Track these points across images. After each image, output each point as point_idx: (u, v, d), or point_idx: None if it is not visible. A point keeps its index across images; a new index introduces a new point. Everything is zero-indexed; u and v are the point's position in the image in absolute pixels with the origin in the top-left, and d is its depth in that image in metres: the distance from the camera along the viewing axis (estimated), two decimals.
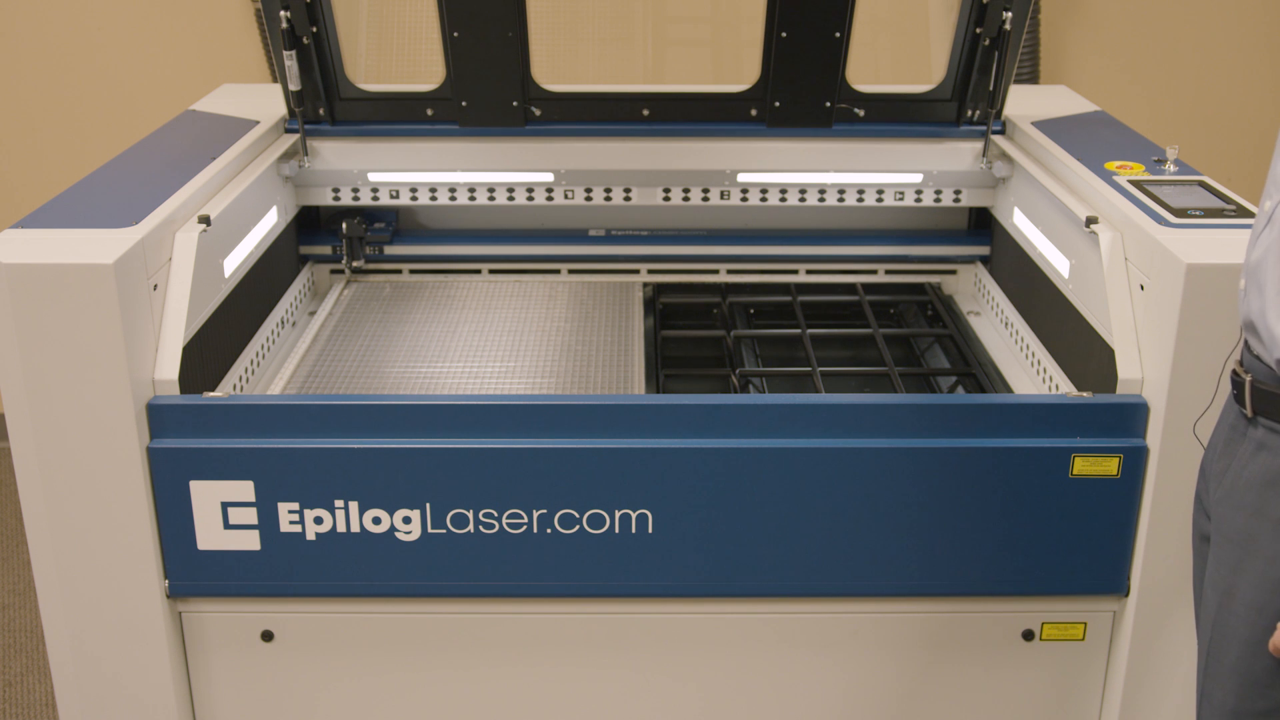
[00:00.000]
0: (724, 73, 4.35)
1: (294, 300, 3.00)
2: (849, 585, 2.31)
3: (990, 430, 2.21)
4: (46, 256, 2.07)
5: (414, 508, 2.22)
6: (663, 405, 2.20)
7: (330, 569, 2.26)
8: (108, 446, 2.15)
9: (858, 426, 2.21)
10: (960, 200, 3.06)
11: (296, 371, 2.69)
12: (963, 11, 2.83)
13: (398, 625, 2.36)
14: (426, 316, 2.96)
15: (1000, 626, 2.38)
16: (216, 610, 2.34)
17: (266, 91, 3.22)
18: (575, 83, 3.01)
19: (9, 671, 3.53)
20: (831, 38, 2.83)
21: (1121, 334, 2.24)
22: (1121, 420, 2.20)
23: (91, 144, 4.49)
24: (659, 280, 3.19)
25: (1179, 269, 2.07)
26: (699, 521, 2.24)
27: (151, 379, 2.19)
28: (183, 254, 2.30)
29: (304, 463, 2.19)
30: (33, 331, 2.08)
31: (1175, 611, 2.28)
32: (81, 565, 2.23)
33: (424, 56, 3.23)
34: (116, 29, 4.38)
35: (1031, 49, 4.33)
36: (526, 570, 2.27)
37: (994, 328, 2.99)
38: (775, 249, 3.16)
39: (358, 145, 3.00)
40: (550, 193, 3.05)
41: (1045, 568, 2.28)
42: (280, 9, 2.76)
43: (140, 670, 2.31)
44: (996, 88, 2.89)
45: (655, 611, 2.36)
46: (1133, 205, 2.34)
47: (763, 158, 3.01)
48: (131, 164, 2.58)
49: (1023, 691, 2.43)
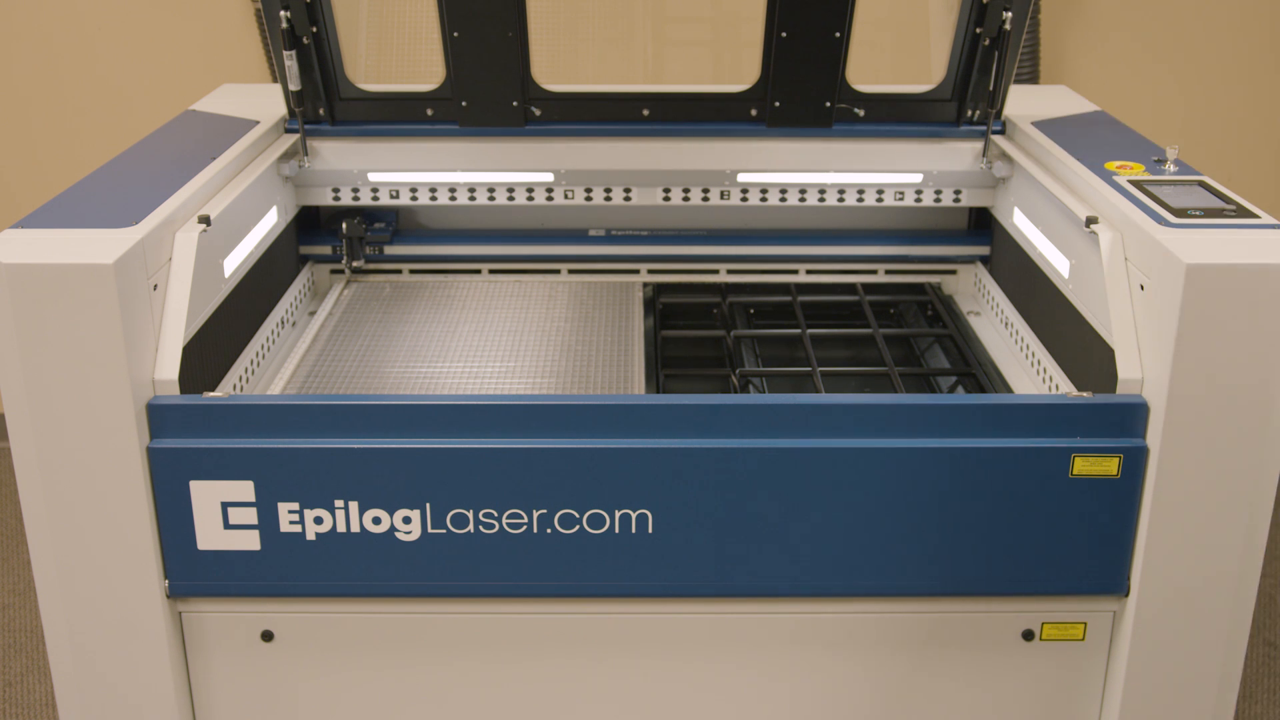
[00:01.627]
0: (724, 73, 4.35)
1: (294, 300, 3.00)
2: (849, 585, 2.31)
3: (990, 430, 2.21)
4: (46, 256, 2.07)
5: (414, 508, 2.22)
6: (663, 405, 2.20)
7: (330, 569, 2.26)
8: (108, 446, 2.15)
9: (858, 426, 2.21)
10: (960, 200, 3.06)
11: (296, 371, 2.69)
12: (963, 11, 2.83)
13: (398, 625, 2.36)
14: (426, 316, 2.96)
15: (1000, 626, 2.38)
16: (216, 610, 2.34)
17: (266, 91, 3.22)
18: (575, 83, 3.01)
19: (9, 671, 3.53)
20: (831, 38, 2.83)
21: (1121, 334, 2.24)
22: (1121, 420, 2.20)
23: (91, 144, 4.49)
24: (659, 280, 3.19)
25: (1179, 269, 2.07)
26: (699, 521, 2.24)
27: (151, 379, 2.19)
28: (183, 254, 2.30)
29: (304, 463, 2.19)
30: (33, 331, 2.08)
31: (1175, 611, 2.28)
32: (81, 565, 2.23)
33: (424, 56, 3.23)
34: (116, 29, 4.39)
35: (1031, 49, 4.33)
36: (526, 570, 2.27)
37: (994, 328, 2.99)
38: (775, 249, 3.17)
39: (358, 145, 3.00)
40: (550, 193, 3.05)
41: (1045, 568, 2.28)
42: (280, 9, 2.76)
43: (140, 670, 2.31)
44: (996, 88, 2.89)
45: (655, 611, 2.36)
46: (1133, 205, 2.34)
47: (763, 158, 3.01)
48: (131, 164, 2.58)
49: (1023, 691, 2.43)
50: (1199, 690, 2.34)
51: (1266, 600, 3.84)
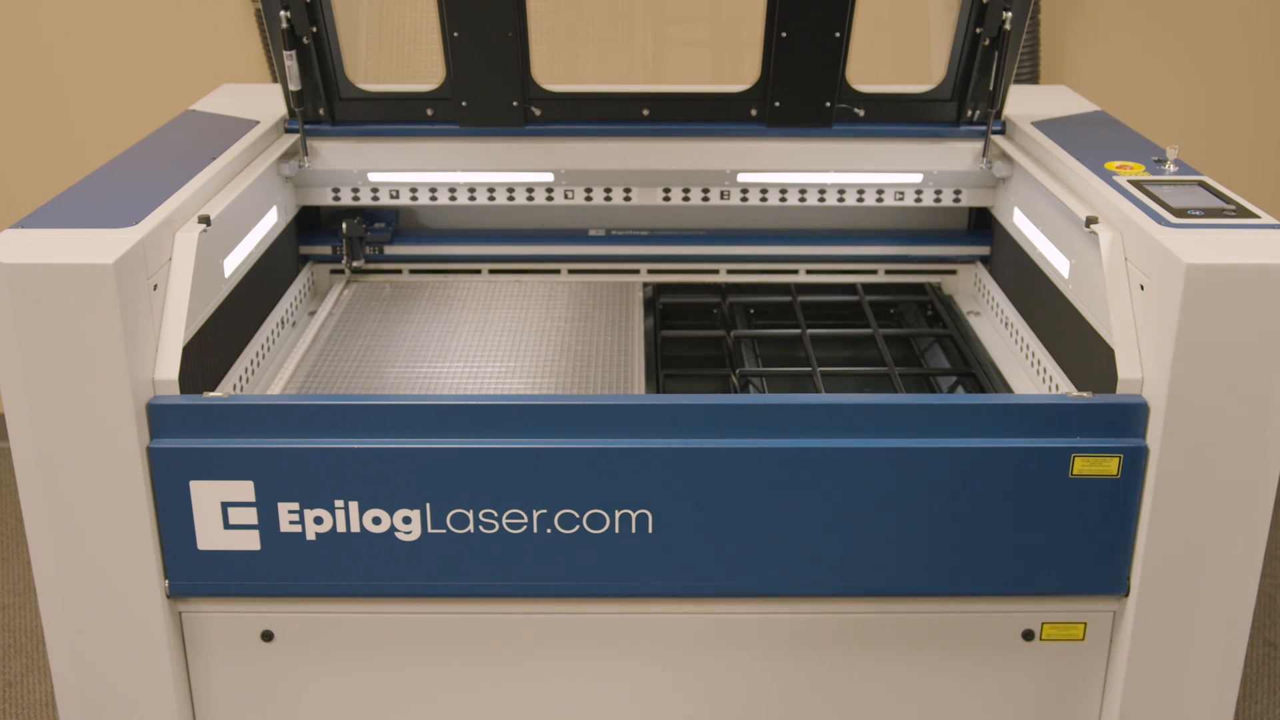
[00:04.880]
0: (724, 73, 4.35)
1: (294, 300, 3.00)
2: (849, 585, 2.31)
3: (990, 430, 2.21)
4: (46, 256, 2.07)
5: (414, 508, 2.22)
6: (663, 405, 2.20)
7: (330, 569, 2.26)
8: (108, 446, 2.15)
9: (858, 426, 2.21)
10: (960, 200, 3.06)
11: (296, 371, 2.70)
12: (963, 11, 2.83)
13: (398, 625, 2.36)
14: (426, 316, 2.96)
15: (1000, 626, 2.38)
16: (216, 610, 2.34)
17: (266, 91, 3.22)
18: (575, 83, 3.01)
19: (9, 671, 3.53)
20: (831, 38, 2.83)
21: (1121, 334, 2.24)
22: (1121, 420, 2.20)
23: (91, 144, 4.49)
24: (659, 280, 3.19)
25: (1179, 269, 2.07)
26: (699, 521, 2.24)
27: (151, 379, 2.19)
28: (183, 254, 2.30)
29: (304, 463, 2.19)
30: (33, 331, 2.08)
31: (1175, 611, 2.28)
32: (81, 565, 2.23)
33: (424, 56, 3.23)
34: (116, 29, 4.39)
35: (1031, 49, 4.33)
36: (526, 570, 2.27)
37: (994, 328, 2.99)
38: (775, 249, 3.17)
39: (358, 145, 3.00)
40: (550, 193, 3.05)
41: (1045, 568, 2.28)
42: (280, 9, 2.76)
43: (140, 670, 2.31)
44: (996, 88, 2.89)
45: (655, 611, 2.36)
46: (1133, 205, 2.34)
47: (763, 158, 3.01)
48: (131, 164, 2.58)
49: (1023, 691, 2.43)
50: (1199, 690, 2.34)
51: (1266, 600, 3.84)
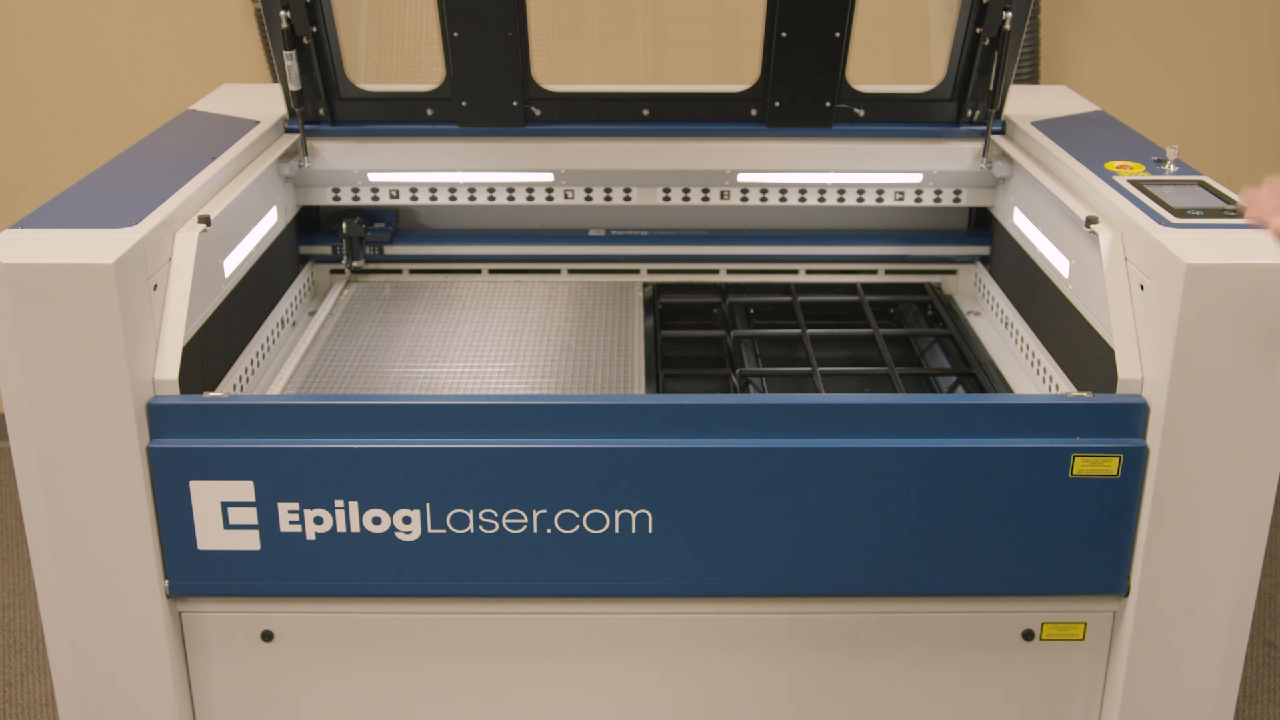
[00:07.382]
0: (724, 73, 4.35)
1: (294, 300, 3.00)
2: (849, 585, 2.31)
3: (990, 430, 2.21)
4: (46, 256, 2.07)
5: (414, 508, 2.22)
6: (663, 405, 2.20)
7: (330, 569, 2.26)
8: (108, 446, 2.15)
9: (858, 426, 2.21)
10: (960, 200, 3.06)
11: (296, 371, 2.69)
12: (963, 11, 2.83)
13: (398, 625, 2.36)
14: (426, 316, 2.96)
15: (1000, 626, 2.38)
16: (216, 610, 2.34)
17: (266, 91, 3.22)
18: (575, 83, 3.01)
19: (9, 671, 3.53)
20: (831, 38, 2.83)
21: (1121, 334, 2.24)
22: (1121, 420, 2.20)
23: (92, 144, 4.49)
24: (659, 280, 3.19)
25: (1179, 269, 2.07)
26: (699, 521, 2.24)
27: (151, 379, 2.19)
28: (183, 254, 2.30)
29: (304, 463, 2.19)
30: (33, 331, 2.08)
31: (1175, 611, 2.28)
32: (81, 565, 2.23)
33: (424, 56, 3.24)
34: (117, 29, 4.38)
35: (1031, 49, 4.33)
36: (526, 570, 2.27)
37: (994, 328, 2.99)
38: (775, 249, 3.16)
39: (358, 145, 3.00)
40: (550, 193, 3.05)
41: (1045, 568, 2.28)
42: (280, 9, 2.76)
43: (140, 670, 2.31)
44: (996, 88, 2.89)
45: (655, 611, 2.36)
46: (1133, 205, 2.34)
47: (763, 158, 3.01)
48: (131, 164, 2.58)
49: (1023, 691, 2.43)
50: (1199, 690, 2.34)
51: (1266, 600, 3.84)
